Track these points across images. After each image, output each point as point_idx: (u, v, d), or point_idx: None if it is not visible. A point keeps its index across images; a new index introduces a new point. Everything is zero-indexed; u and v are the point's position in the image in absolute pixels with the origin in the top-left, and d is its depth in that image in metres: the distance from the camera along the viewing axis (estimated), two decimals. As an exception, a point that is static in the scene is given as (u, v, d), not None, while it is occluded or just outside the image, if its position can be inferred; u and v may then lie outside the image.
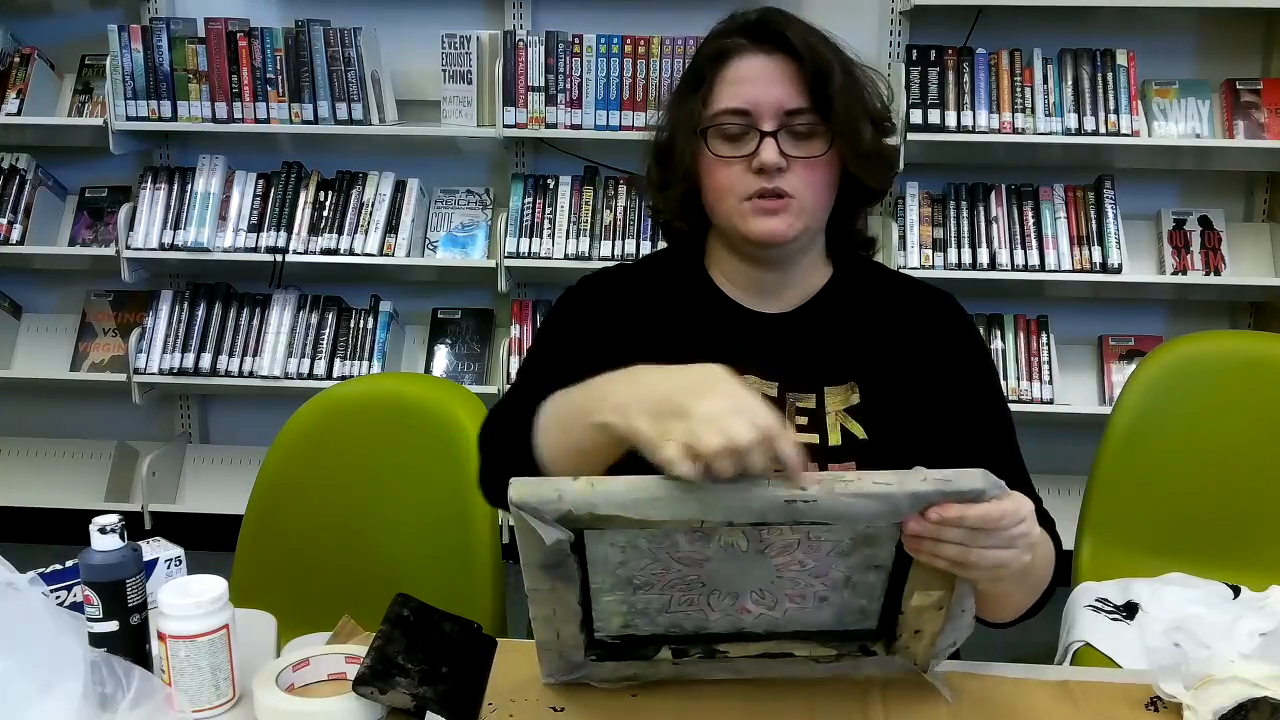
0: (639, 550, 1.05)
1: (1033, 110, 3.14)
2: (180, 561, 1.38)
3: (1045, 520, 1.34)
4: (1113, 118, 3.12)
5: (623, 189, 3.30)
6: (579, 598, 1.09)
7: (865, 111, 1.34)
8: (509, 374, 3.29)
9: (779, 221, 1.31)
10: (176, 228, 3.34)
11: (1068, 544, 1.82)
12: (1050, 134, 3.13)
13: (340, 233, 3.32)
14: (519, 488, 0.98)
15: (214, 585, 1.17)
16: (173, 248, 3.32)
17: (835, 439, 1.33)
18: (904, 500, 0.98)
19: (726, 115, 1.31)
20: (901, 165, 3.10)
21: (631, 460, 1.07)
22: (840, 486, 0.97)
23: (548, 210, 3.31)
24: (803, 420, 1.34)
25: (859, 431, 1.34)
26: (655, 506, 0.98)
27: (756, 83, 1.30)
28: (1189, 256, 3.25)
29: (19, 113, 3.33)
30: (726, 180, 1.32)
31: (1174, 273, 3.24)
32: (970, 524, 1.00)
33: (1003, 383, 1.47)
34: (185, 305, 3.43)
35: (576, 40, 3.18)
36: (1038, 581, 1.28)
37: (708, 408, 1.00)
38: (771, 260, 1.38)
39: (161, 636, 1.15)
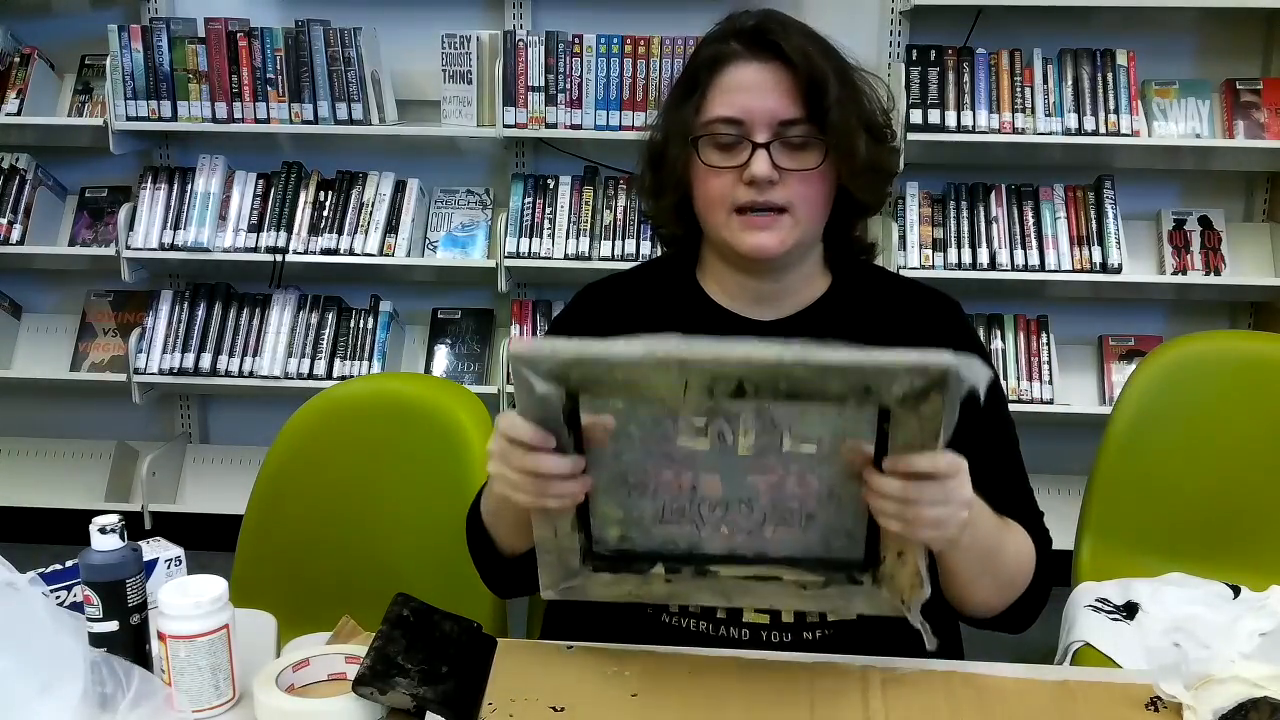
0: (631, 440, 1.08)
1: (1033, 110, 3.14)
2: (180, 561, 1.38)
3: (1037, 530, 1.34)
4: (1113, 118, 3.12)
5: (623, 189, 3.30)
6: None
7: (862, 121, 1.31)
8: (509, 374, 3.29)
9: (769, 236, 1.29)
10: (176, 228, 3.34)
11: (1068, 544, 1.84)
12: (1050, 134, 3.13)
13: (340, 233, 3.32)
14: (517, 344, 1.05)
15: (214, 585, 1.17)
16: (173, 248, 3.32)
17: None
18: (872, 371, 1.01)
19: (719, 124, 1.29)
20: (901, 165, 3.10)
21: None
22: (810, 355, 1.01)
23: (548, 210, 3.31)
24: None
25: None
26: (642, 358, 1.03)
27: (750, 92, 1.28)
28: (1189, 256, 3.26)
29: (19, 113, 3.33)
30: (717, 190, 1.30)
31: (1174, 273, 3.24)
32: (917, 471, 1.04)
33: (1003, 383, 1.46)
34: (185, 305, 3.43)
35: (576, 40, 3.18)
36: (1010, 579, 1.28)
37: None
38: (764, 270, 1.36)
39: (161, 636, 1.15)
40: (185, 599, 1.15)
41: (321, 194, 3.36)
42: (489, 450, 1.12)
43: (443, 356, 3.47)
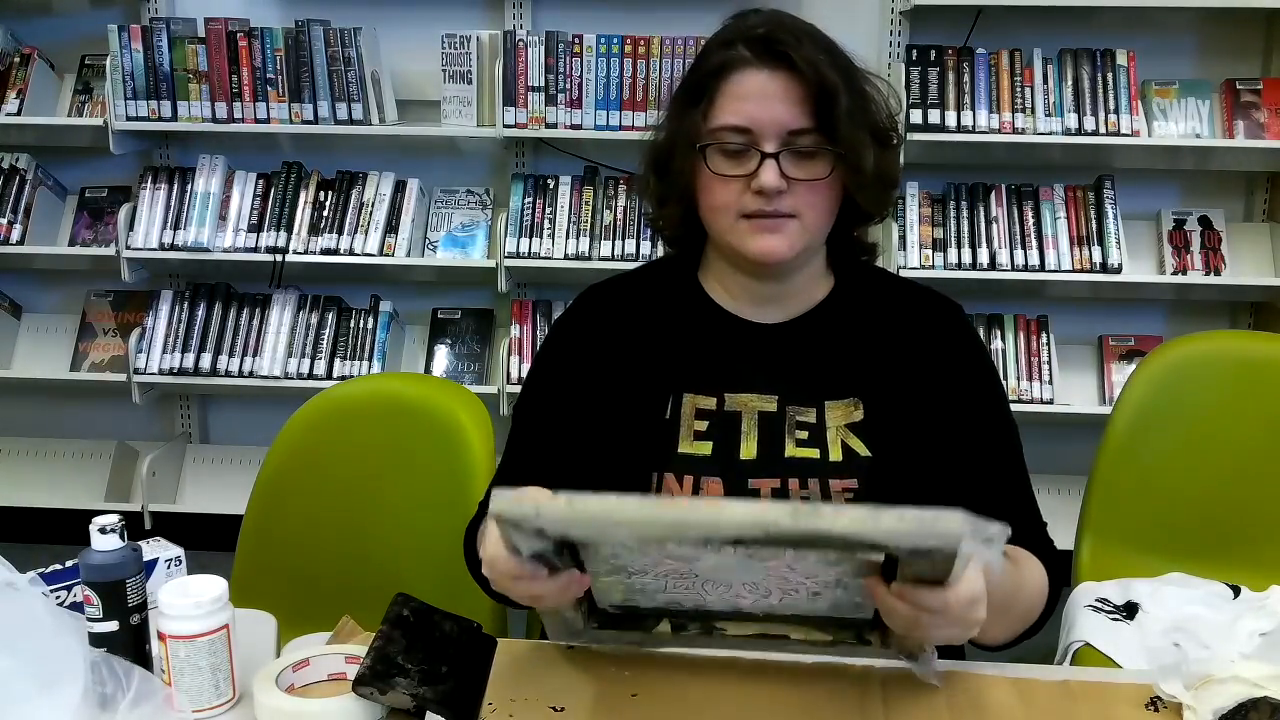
0: (629, 549, 1.05)
1: (1033, 110, 3.14)
2: (180, 561, 1.38)
3: (1044, 547, 1.34)
4: (1113, 118, 3.12)
5: (623, 189, 3.30)
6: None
7: (870, 129, 1.30)
8: (509, 374, 3.29)
9: (777, 240, 1.29)
10: (176, 228, 3.34)
11: (1068, 544, 1.84)
12: (1050, 134, 3.13)
13: (340, 233, 3.32)
14: (499, 501, 0.98)
15: (214, 585, 1.17)
16: (173, 248, 3.32)
17: (836, 454, 1.31)
18: (881, 536, 0.96)
19: (727, 132, 1.28)
20: (901, 165, 3.10)
21: None
22: (810, 521, 0.93)
23: (548, 210, 3.31)
24: (803, 435, 1.33)
25: (861, 449, 1.32)
26: (629, 529, 0.99)
27: (759, 100, 1.26)
28: (1189, 256, 3.26)
29: (19, 113, 3.33)
30: (724, 198, 1.29)
31: (1174, 273, 3.24)
32: (925, 608, 1.02)
33: (1003, 383, 1.45)
34: (185, 305, 3.43)
35: (576, 40, 3.18)
36: (1023, 614, 1.28)
37: None
38: (770, 274, 1.36)
39: (161, 636, 1.15)
40: (185, 599, 1.15)
41: (321, 194, 3.36)
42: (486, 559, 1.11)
43: (443, 356, 3.47)
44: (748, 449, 1.33)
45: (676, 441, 1.34)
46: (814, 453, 1.32)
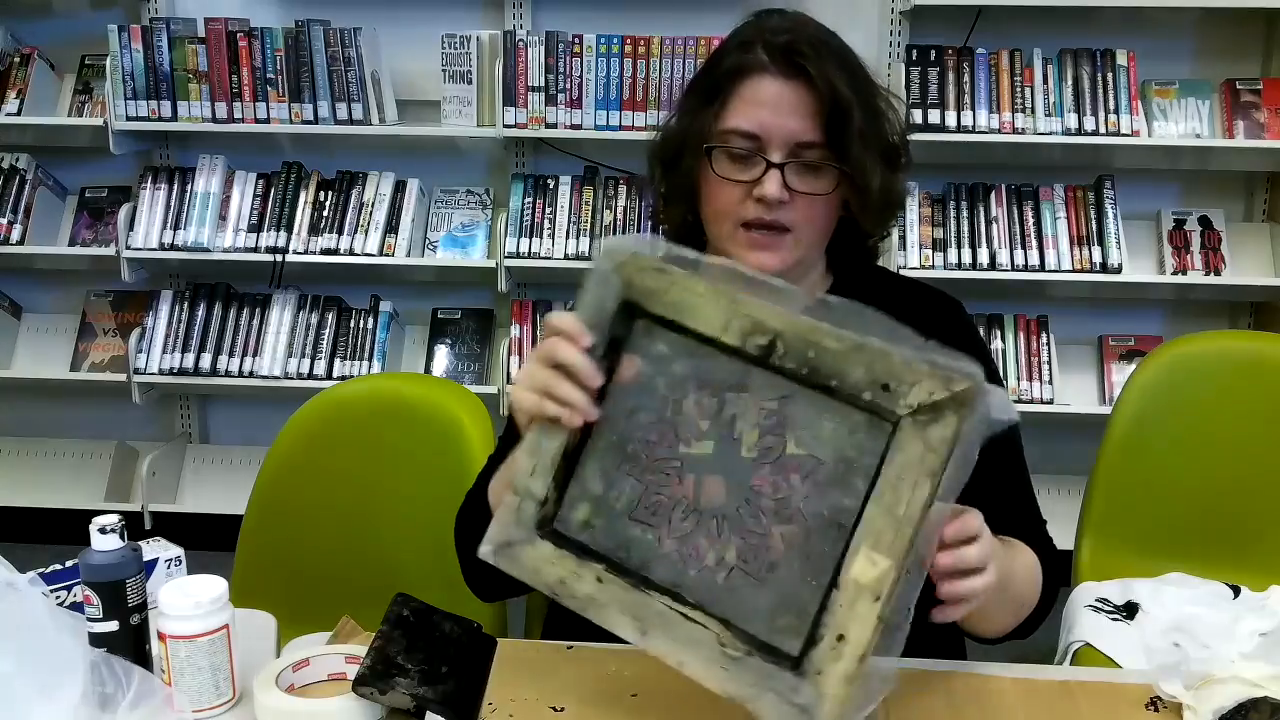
0: (651, 398, 1.10)
1: (1033, 110, 3.14)
2: (180, 561, 1.38)
3: (1043, 544, 1.34)
4: (1113, 118, 3.12)
5: (623, 189, 3.31)
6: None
7: (879, 149, 1.29)
8: (509, 374, 3.29)
9: (772, 256, 1.28)
10: (176, 228, 3.34)
11: (1068, 544, 1.84)
12: (1050, 134, 3.13)
13: (340, 233, 3.32)
14: (627, 240, 1.13)
15: (214, 585, 1.17)
16: (173, 248, 3.32)
17: None
18: (898, 365, 1.01)
19: (734, 135, 1.27)
20: (906, 184, 3.10)
21: None
22: (845, 329, 1.02)
23: (548, 210, 3.31)
24: None
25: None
26: (697, 282, 1.08)
27: (771, 108, 1.25)
28: (1189, 256, 3.26)
29: (19, 113, 3.33)
30: (725, 202, 1.29)
31: (1174, 273, 3.24)
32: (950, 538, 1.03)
33: (1005, 381, 1.45)
34: (185, 305, 3.43)
35: (576, 40, 3.18)
36: (1017, 597, 1.28)
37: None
38: None
39: (161, 636, 1.15)
40: (185, 599, 1.15)
41: (321, 194, 3.37)
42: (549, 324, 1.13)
43: (443, 356, 3.47)
44: (749, 448, 1.33)
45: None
46: None
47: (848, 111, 1.24)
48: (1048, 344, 3.28)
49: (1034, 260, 3.19)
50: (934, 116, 3.14)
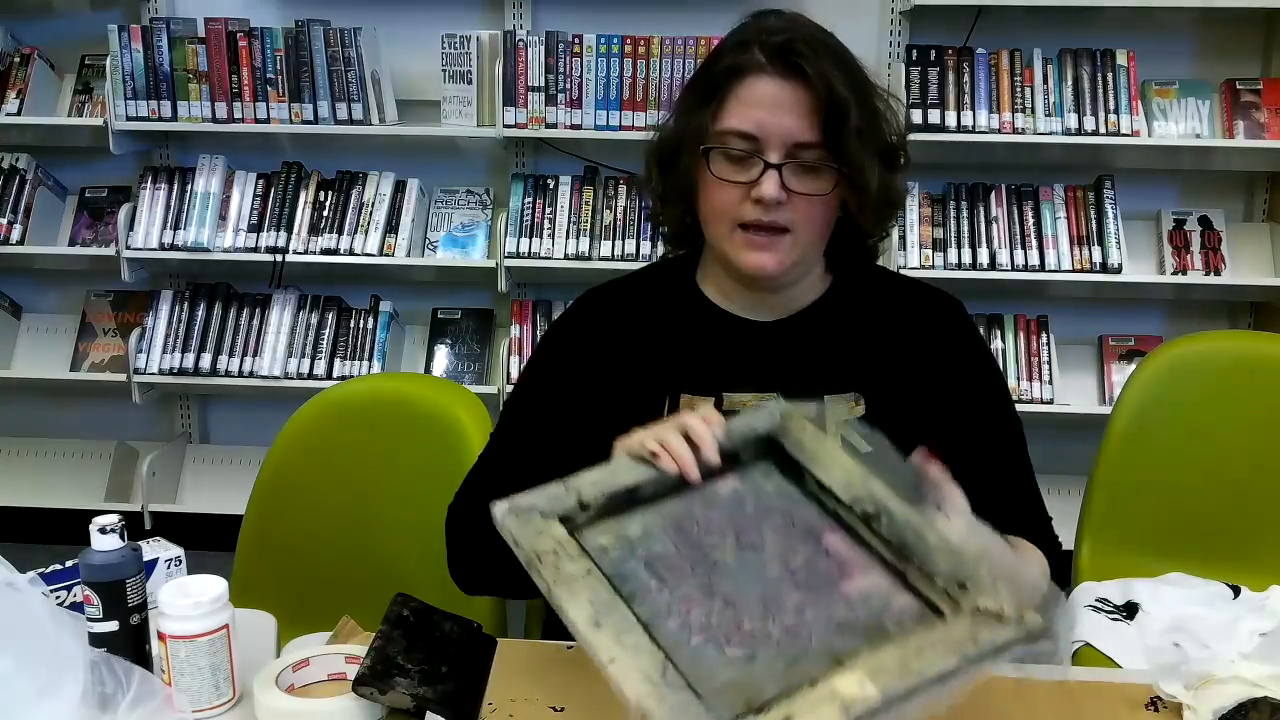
0: (734, 506, 1.11)
1: (1033, 110, 3.14)
2: (180, 561, 1.38)
3: (1047, 538, 1.34)
4: (1113, 118, 3.12)
5: (623, 189, 3.30)
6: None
7: (878, 150, 1.29)
8: (509, 374, 3.29)
9: (768, 257, 1.28)
10: (176, 228, 3.34)
11: (1068, 544, 1.84)
12: (1050, 134, 3.13)
13: (340, 233, 3.32)
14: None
15: (214, 585, 1.17)
16: (173, 248, 3.32)
17: None
18: (985, 575, 0.98)
19: (733, 136, 1.26)
20: (906, 185, 3.10)
21: None
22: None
23: (548, 210, 3.31)
24: None
25: (862, 445, 1.32)
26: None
27: (769, 109, 1.25)
28: (1189, 256, 3.26)
29: (19, 113, 3.33)
30: (722, 203, 1.29)
31: (1174, 273, 3.24)
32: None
33: (1005, 378, 1.45)
34: (185, 305, 3.43)
35: (576, 40, 3.18)
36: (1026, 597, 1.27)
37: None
38: (761, 285, 1.35)
39: (161, 636, 1.15)
40: (185, 599, 1.15)
41: (321, 194, 3.37)
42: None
43: (443, 356, 3.47)
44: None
45: None
46: None
47: (845, 110, 1.24)
48: (1048, 344, 3.28)
49: (1034, 260, 3.19)
50: (934, 116, 3.14)
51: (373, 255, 3.30)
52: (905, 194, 1.40)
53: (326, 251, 3.31)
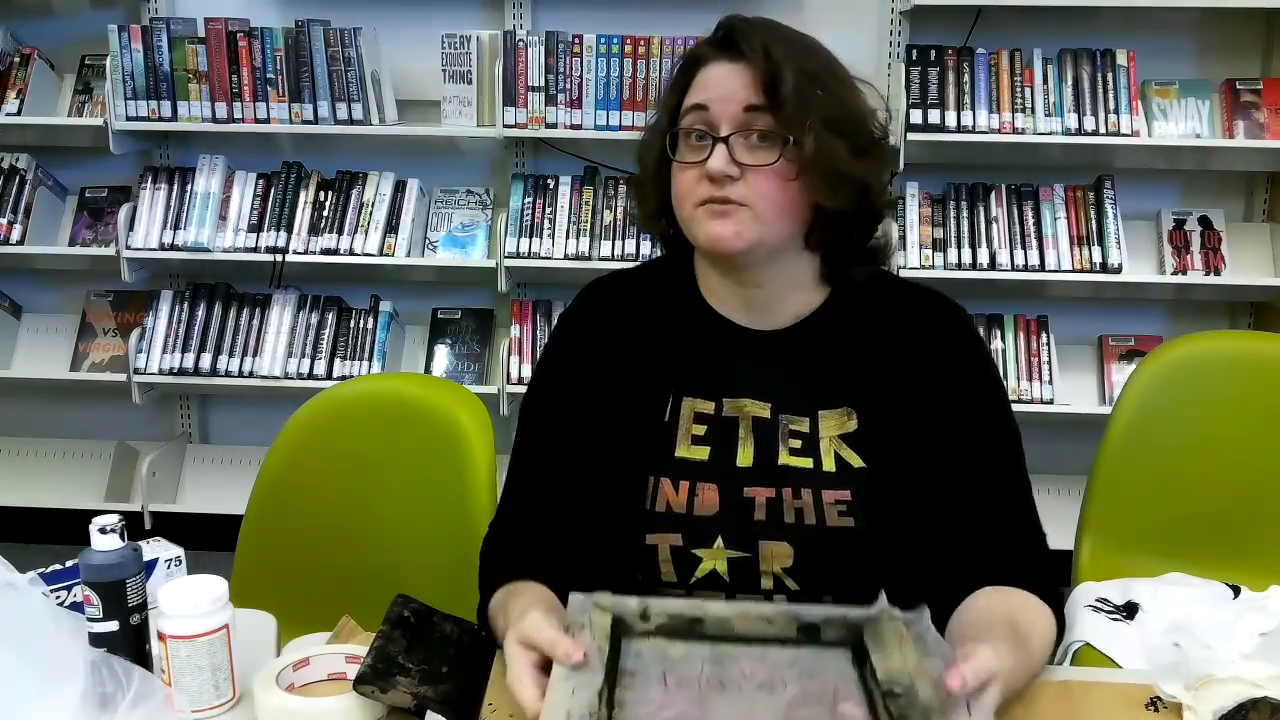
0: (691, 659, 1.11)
1: (1033, 110, 3.14)
2: (180, 561, 1.38)
3: (1041, 562, 1.33)
4: (1113, 118, 3.12)
5: (623, 189, 3.30)
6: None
7: (834, 122, 1.27)
8: (509, 374, 3.30)
9: (725, 226, 1.27)
10: (176, 228, 3.34)
11: (1068, 544, 1.84)
12: (1050, 134, 3.13)
13: (340, 233, 3.32)
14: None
15: (214, 585, 1.17)
16: (173, 248, 3.33)
17: (829, 465, 1.30)
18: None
19: (689, 114, 1.30)
20: (901, 165, 3.11)
21: None
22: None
23: (548, 210, 3.31)
24: (796, 444, 1.31)
25: (855, 460, 1.30)
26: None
27: (716, 85, 1.29)
28: (1189, 256, 3.26)
29: (19, 113, 3.33)
30: (684, 186, 1.30)
31: (1174, 273, 3.24)
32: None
33: (1005, 387, 1.43)
34: (185, 305, 3.43)
35: (576, 40, 3.18)
36: (1041, 659, 1.27)
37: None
38: (742, 271, 1.34)
39: (161, 636, 1.15)
40: (185, 599, 1.15)
41: (321, 194, 3.37)
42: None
43: (443, 356, 3.47)
44: (744, 456, 1.32)
45: (674, 444, 1.33)
46: (807, 462, 1.30)
47: (778, 73, 1.26)
48: (1048, 344, 3.28)
49: (1034, 260, 3.19)
50: (934, 116, 3.14)
51: (373, 255, 3.30)
52: (886, 185, 1.38)
53: (326, 251, 3.31)
